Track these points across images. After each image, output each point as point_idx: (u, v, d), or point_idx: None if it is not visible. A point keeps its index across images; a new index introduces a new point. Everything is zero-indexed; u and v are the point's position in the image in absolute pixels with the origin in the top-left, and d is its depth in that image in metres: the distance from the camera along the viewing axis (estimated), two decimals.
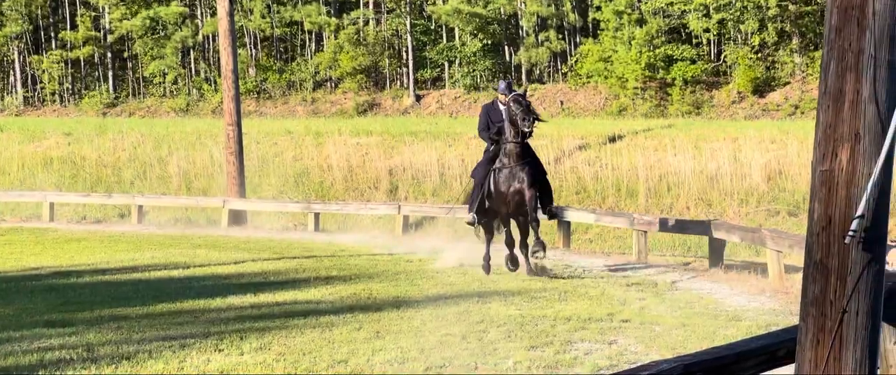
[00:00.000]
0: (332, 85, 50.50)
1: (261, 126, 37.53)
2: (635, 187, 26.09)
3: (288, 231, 24.95)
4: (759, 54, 44.49)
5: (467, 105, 46.80)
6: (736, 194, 24.93)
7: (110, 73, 53.85)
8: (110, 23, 53.50)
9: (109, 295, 12.40)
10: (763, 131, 29.54)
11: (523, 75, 47.84)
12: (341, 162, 30.60)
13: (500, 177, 13.39)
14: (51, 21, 55.60)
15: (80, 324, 10.01)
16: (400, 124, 37.84)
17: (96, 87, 53.46)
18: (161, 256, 17.07)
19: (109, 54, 54.02)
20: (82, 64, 54.17)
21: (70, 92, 53.74)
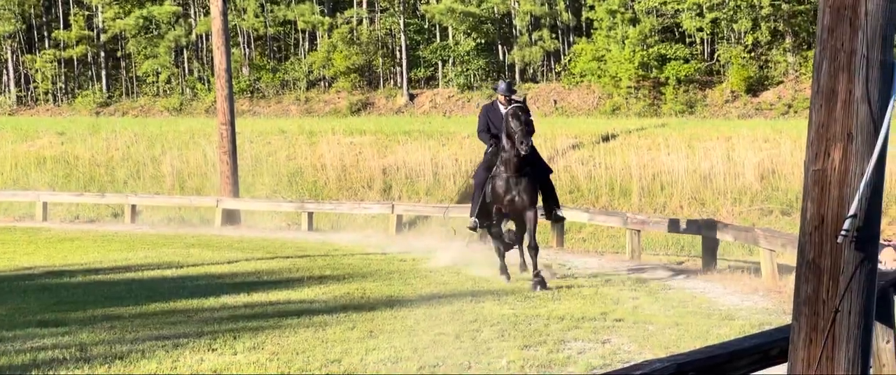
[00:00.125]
0: (326, 84, 50.46)
1: (254, 125, 37.48)
2: (629, 186, 26.11)
3: (281, 230, 24.94)
4: (753, 53, 44.53)
5: (461, 104, 46.80)
6: (729, 193, 24.96)
7: (103, 73, 53.76)
8: (103, 22, 53.41)
9: (103, 294, 12.39)
10: (756, 130, 29.57)
11: (517, 74, 47.85)
12: (335, 161, 30.58)
13: (497, 183, 13.06)
14: (44, 20, 55.50)
15: (73, 324, 9.99)
16: (393, 123, 37.83)
17: (89, 87, 53.36)
18: (154, 256, 17.05)
19: (103, 53, 53.93)
20: (75, 63, 54.07)
21: (63, 91, 53.64)
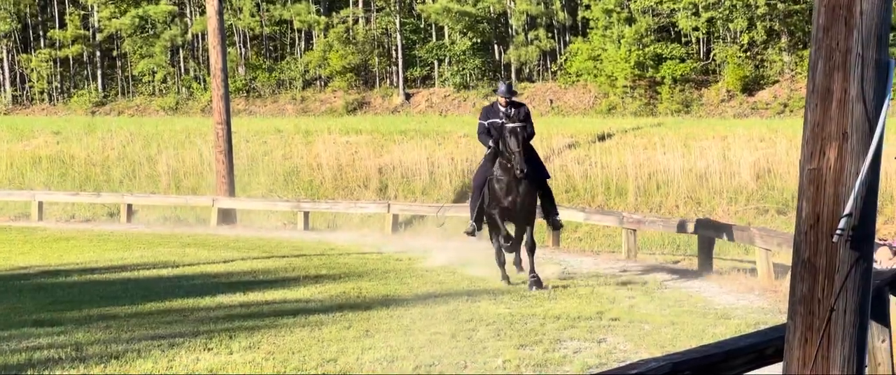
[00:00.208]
0: (322, 83, 50.42)
1: (250, 124, 37.45)
2: (625, 186, 26.11)
3: (277, 229, 24.93)
4: (748, 53, 44.55)
5: (457, 103, 46.79)
6: (725, 192, 24.97)
7: (99, 72, 53.67)
8: (99, 21, 53.33)
9: (98, 294, 12.38)
10: (752, 129, 29.58)
11: (513, 74, 47.83)
12: (331, 160, 30.56)
13: (496, 185, 12.88)
14: (39, 19, 55.40)
15: (68, 323, 9.99)
16: (389, 123, 37.81)
17: (85, 86, 53.28)
18: (150, 255, 17.04)
19: (98, 53, 53.84)
20: (71, 62, 54.00)
21: (59, 90, 53.56)
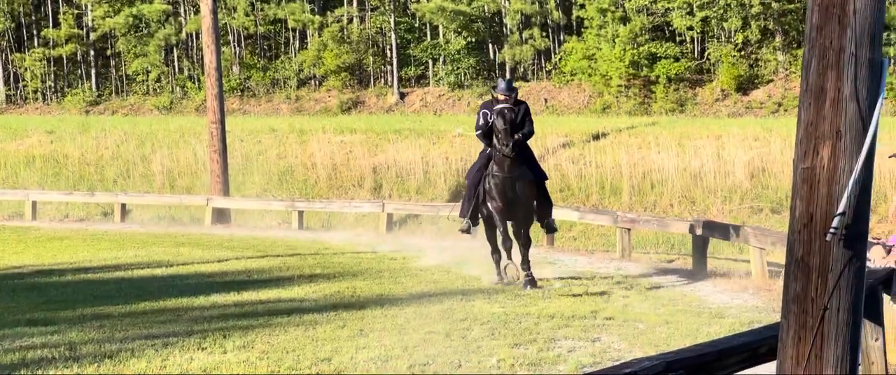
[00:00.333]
0: (316, 83, 50.41)
1: (245, 124, 37.41)
2: (619, 185, 26.12)
3: (272, 229, 24.91)
4: (743, 52, 44.60)
5: (451, 103, 46.80)
6: (719, 191, 24.98)
7: (93, 71, 53.61)
8: (93, 20, 53.28)
9: (92, 293, 12.36)
10: (746, 129, 29.60)
11: (507, 73, 47.84)
12: (325, 160, 30.53)
13: (491, 184, 12.70)
14: (33, 18, 55.32)
15: (62, 323, 9.97)
16: (384, 122, 37.80)
17: (79, 85, 53.21)
18: (144, 254, 17.02)
19: (92, 52, 53.78)
20: (65, 62, 53.91)
21: (53, 90, 53.49)
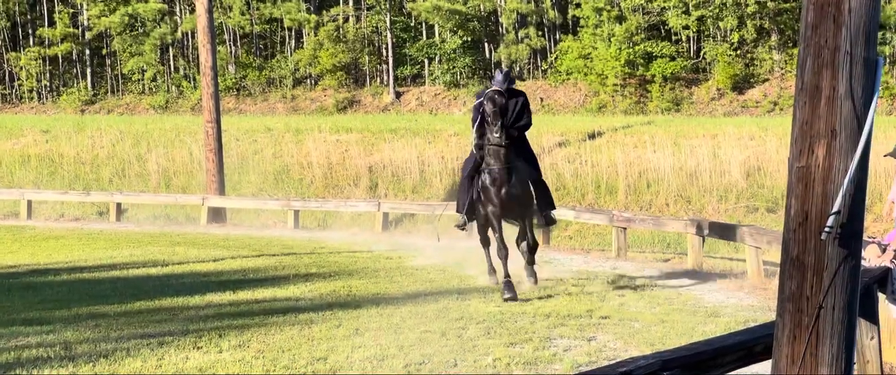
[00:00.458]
0: (312, 82, 50.36)
1: (240, 123, 37.40)
2: (615, 184, 26.13)
3: (267, 228, 24.90)
4: (738, 51, 44.62)
5: (447, 102, 46.78)
6: (715, 191, 25.00)
7: (89, 70, 53.53)
8: (88, 19, 53.18)
9: (87, 292, 12.34)
10: (742, 128, 29.62)
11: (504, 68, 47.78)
12: (321, 159, 30.52)
13: (486, 178, 12.23)
14: (29, 18, 55.22)
15: (57, 322, 9.95)
16: (380, 121, 37.80)
17: (74, 84, 53.12)
18: (139, 254, 17.00)
19: (88, 51, 53.70)
20: (60, 61, 53.84)
21: (48, 89, 53.41)
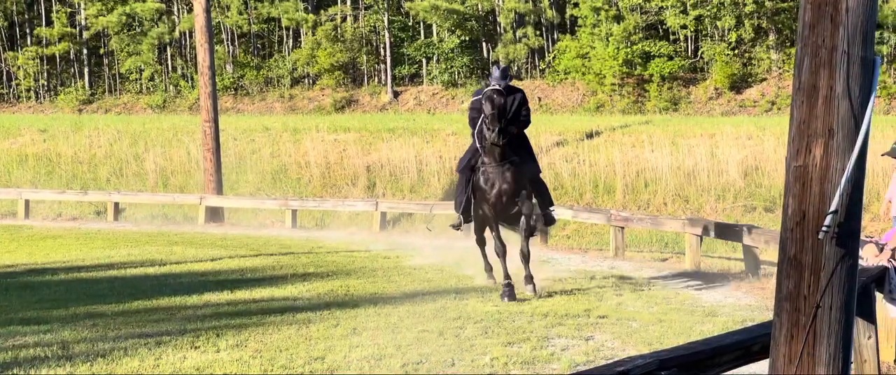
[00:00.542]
0: (310, 81, 50.35)
1: (238, 122, 37.37)
2: (613, 183, 26.12)
3: (265, 227, 24.88)
4: (736, 51, 44.62)
5: (445, 101, 46.78)
6: (713, 190, 25.00)
7: (86, 70, 53.49)
8: (86, 19, 53.15)
9: (85, 292, 12.33)
10: (740, 127, 29.62)
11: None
12: (319, 158, 30.50)
13: (481, 177, 11.96)
14: (26, 17, 55.19)
15: (54, 322, 9.95)
16: (378, 121, 37.79)
17: (72, 84, 53.09)
18: (137, 253, 16.99)
19: (85, 51, 53.66)
20: (58, 60, 53.81)
21: (45, 88, 53.37)
